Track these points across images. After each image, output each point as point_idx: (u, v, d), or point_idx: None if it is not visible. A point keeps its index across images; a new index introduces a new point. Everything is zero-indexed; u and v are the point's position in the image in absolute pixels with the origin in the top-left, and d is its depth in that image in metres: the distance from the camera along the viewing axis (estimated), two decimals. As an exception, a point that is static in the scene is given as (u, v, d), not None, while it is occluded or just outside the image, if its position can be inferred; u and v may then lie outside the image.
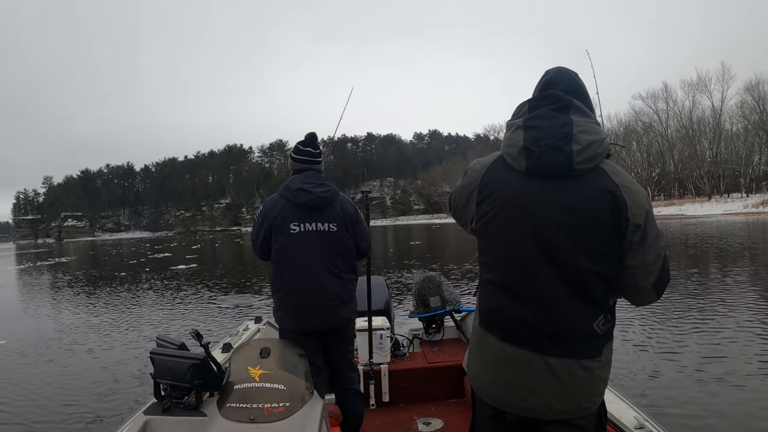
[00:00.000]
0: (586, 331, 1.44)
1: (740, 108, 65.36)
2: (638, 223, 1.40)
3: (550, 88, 1.53)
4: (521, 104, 1.56)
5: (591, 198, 1.40)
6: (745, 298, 8.77)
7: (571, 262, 1.42)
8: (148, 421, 1.67)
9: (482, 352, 1.58)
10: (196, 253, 35.82)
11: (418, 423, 3.29)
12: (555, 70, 1.58)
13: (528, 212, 1.45)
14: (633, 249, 1.42)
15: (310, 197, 2.67)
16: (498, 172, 1.52)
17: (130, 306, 12.20)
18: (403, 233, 48.59)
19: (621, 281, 1.47)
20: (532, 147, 1.44)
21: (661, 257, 1.45)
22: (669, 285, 1.51)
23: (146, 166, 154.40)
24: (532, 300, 1.46)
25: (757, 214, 41.92)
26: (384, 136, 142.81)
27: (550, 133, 1.44)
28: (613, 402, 2.30)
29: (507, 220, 1.48)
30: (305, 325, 2.66)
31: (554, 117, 1.46)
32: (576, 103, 1.49)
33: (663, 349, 6.07)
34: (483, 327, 1.57)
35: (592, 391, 1.49)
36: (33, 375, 6.59)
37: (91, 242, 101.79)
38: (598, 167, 1.43)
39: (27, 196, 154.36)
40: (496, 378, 1.54)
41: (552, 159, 1.42)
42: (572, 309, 1.44)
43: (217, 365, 1.90)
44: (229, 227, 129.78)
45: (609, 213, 1.39)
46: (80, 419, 4.95)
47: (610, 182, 1.41)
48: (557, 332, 1.44)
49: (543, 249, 1.44)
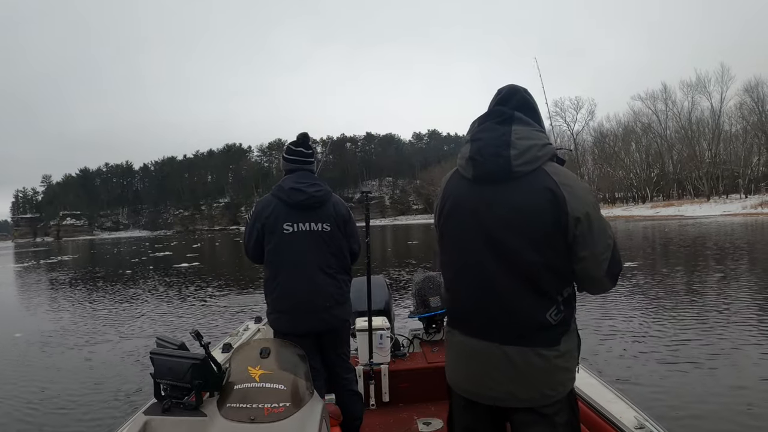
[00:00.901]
0: (540, 322, 1.56)
1: (739, 109, 65.42)
2: (578, 216, 1.51)
3: (500, 104, 1.68)
4: (474, 121, 1.73)
5: (532, 196, 1.53)
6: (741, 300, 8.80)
7: (519, 257, 1.55)
8: (148, 421, 1.67)
9: (451, 347, 1.75)
10: (197, 252, 35.86)
11: (418, 423, 3.29)
12: (506, 88, 1.72)
13: (477, 214, 1.60)
14: (580, 241, 1.53)
15: (304, 196, 2.65)
16: (453, 182, 1.72)
17: (135, 304, 12.26)
18: (401, 233, 48.61)
19: (576, 272, 1.59)
20: (476, 156, 1.61)
21: (610, 247, 1.57)
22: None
23: (145, 165, 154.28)
24: (485, 293, 1.60)
25: (756, 215, 41.95)
26: (383, 135, 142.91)
27: (491, 142, 1.60)
28: (613, 402, 2.30)
29: (460, 223, 1.66)
30: (300, 327, 2.63)
31: (495, 129, 1.62)
32: (518, 115, 1.63)
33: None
34: (449, 324, 1.76)
35: (554, 379, 1.58)
36: (32, 374, 6.58)
37: (90, 241, 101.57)
38: (541, 169, 1.56)
39: (26, 195, 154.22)
40: (464, 370, 1.68)
41: (494, 164, 1.57)
42: (524, 301, 1.56)
43: (217, 365, 1.90)
44: (228, 226, 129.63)
45: (550, 208, 1.52)
46: (80, 419, 4.94)
47: (551, 181, 1.53)
48: (512, 323, 1.57)
49: (493, 247, 1.58)
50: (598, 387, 2.48)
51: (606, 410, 2.23)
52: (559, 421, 1.60)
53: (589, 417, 2.31)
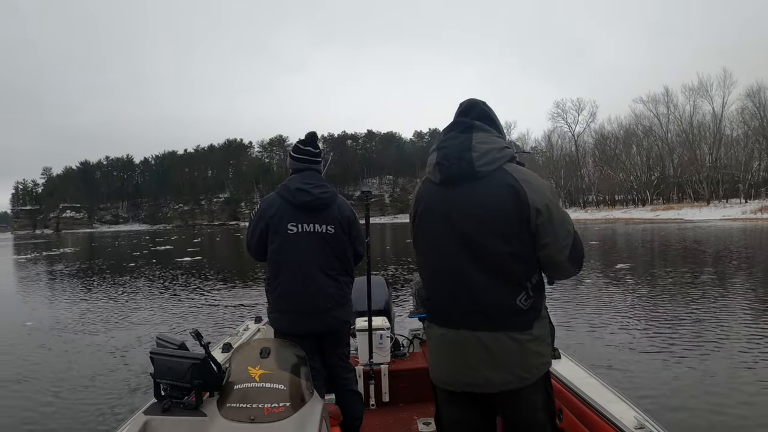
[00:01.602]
0: (510, 307, 1.70)
1: (741, 114, 65.38)
2: (538, 207, 1.66)
3: (461, 116, 1.85)
4: (441, 131, 1.89)
5: (495, 192, 1.69)
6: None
7: (487, 247, 1.69)
8: (148, 421, 1.67)
9: (430, 341, 1.87)
10: (198, 246, 35.98)
11: (418, 423, 3.29)
12: (467, 102, 1.90)
13: (446, 213, 1.75)
14: (542, 229, 1.68)
15: (309, 198, 2.64)
16: (424, 187, 1.88)
17: (138, 299, 12.37)
18: (400, 231, 48.58)
19: (540, 259, 1.74)
20: (442, 161, 1.77)
21: (571, 234, 1.73)
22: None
23: (146, 159, 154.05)
24: (459, 285, 1.73)
25: (755, 220, 41.97)
26: (384, 133, 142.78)
27: (454, 148, 1.77)
28: (613, 402, 2.29)
29: (431, 223, 1.80)
30: (300, 327, 2.63)
31: (458, 137, 1.79)
32: (478, 124, 1.80)
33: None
34: (428, 320, 1.87)
35: (528, 362, 1.71)
36: (33, 372, 6.59)
37: (90, 234, 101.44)
38: (501, 168, 1.72)
39: (26, 187, 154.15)
40: (442, 361, 1.81)
41: (458, 167, 1.73)
42: (494, 288, 1.70)
43: (217, 365, 1.89)
44: (228, 222, 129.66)
45: (512, 202, 1.67)
46: (79, 418, 4.94)
47: (511, 178, 1.70)
48: (484, 309, 1.70)
49: (462, 240, 1.72)
50: (598, 387, 2.47)
51: (606, 410, 2.22)
52: (536, 403, 1.76)
53: (589, 417, 2.30)
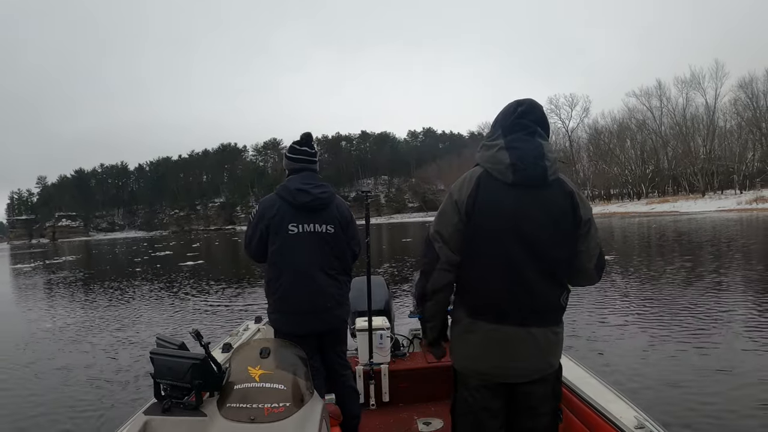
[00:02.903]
0: (555, 305, 1.87)
1: (734, 105, 65.61)
2: (587, 219, 1.87)
3: (523, 117, 1.88)
4: (494, 127, 1.94)
5: (559, 201, 1.83)
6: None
7: (548, 251, 1.81)
8: (148, 421, 1.67)
9: (470, 335, 1.90)
10: (197, 251, 36.11)
11: (418, 423, 3.29)
12: (528, 103, 1.92)
13: (514, 214, 1.79)
14: (581, 239, 1.87)
15: (309, 198, 2.65)
16: (486, 183, 1.84)
17: (145, 302, 12.56)
18: (397, 231, 48.62)
19: (573, 264, 1.89)
20: (518, 163, 1.80)
21: (599, 245, 1.93)
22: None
23: (140, 165, 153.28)
24: (518, 284, 1.81)
25: (750, 211, 42.16)
26: (378, 134, 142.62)
27: (529, 152, 1.81)
28: (613, 402, 2.30)
29: (494, 220, 1.81)
30: (302, 327, 2.65)
31: (529, 140, 1.84)
32: (540, 131, 1.89)
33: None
34: (472, 316, 1.89)
35: (558, 351, 1.93)
36: (34, 374, 6.59)
37: (86, 242, 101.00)
38: (559, 178, 1.86)
39: (21, 196, 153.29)
40: (489, 355, 1.86)
41: (534, 172, 1.80)
42: (548, 288, 1.84)
43: (217, 365, 1.90)
44: (224, 226, 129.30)
45: (571, 211, 1.84)
46: (79, 418, 4.93)
47: (568, 188, 1.86)
48: (538, 307, 1.83)
49: (526, 242, 1.79)
50: (598, 387, 2.48)
51: (606, 410, 2.23)
52: (556, 385, 1.97)
53: (589, 417, 2.31)
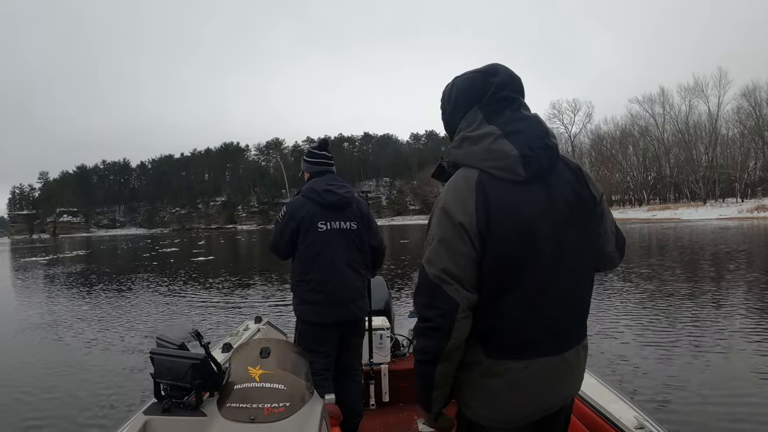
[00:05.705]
0: (588, 312, 1.50)
1: (736, 113, 65.80)
2: (600, 194, 1.48)
3: (503, 89, 1.43)
4: (461, 110, 1.45)
5: (571, 180, 1.42)
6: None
7: (583, 249, 1.43)
8: (148, 421, 1.66)
9: (493, 381, 1.40)
10: (202, 248, 36.67)
11: (418, 423, 3.29)
12: (502, 71, 1.45)
13: (540, 220, 1.35)
14: (598, 219, 1.49)
15: (336, 197, 2.88)
16: (491, 190, 1.34)
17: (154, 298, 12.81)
18: (397, 232, 48.61)
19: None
20: (527, 153, 1.34)
21: (614, 222, 1.55)
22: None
23: (142, 163, 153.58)
24: (565, 303, 1.40)
25: (751, 219, 42.13)
26: (381, 135, 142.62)
27: (534, 134, 1.38)
28: (613, 402, 2.30)
29: (522, 237, 1.34)
30: (331, 317, 2.82)
31: (526, 118, 1.42)
32: (524, 102, 1.47)
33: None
34: (494, 357, 1.39)
35: (585, 366, 1.54)
36: (34, 372, 6.58)
37: (87, 238, 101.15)
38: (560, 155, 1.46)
39: (23, 191, 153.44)
40: (517, 397, 1.40)
41: (546, 158, 1.37)
42: (588, 295, 1.48)
43: (217, 365, 1.89)
44: (225, 225, 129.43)
45: (585, 191, 1.44)
46: (78, 418, 4.92)
47: (572, 162, 1.46)
48: (574, 326, 1.45)
49: (561, 253, 1.37)
50: (598, 387, 2.48)
51: (606, 410, 2.23)
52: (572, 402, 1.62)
53: (589, 417, 2.30)
